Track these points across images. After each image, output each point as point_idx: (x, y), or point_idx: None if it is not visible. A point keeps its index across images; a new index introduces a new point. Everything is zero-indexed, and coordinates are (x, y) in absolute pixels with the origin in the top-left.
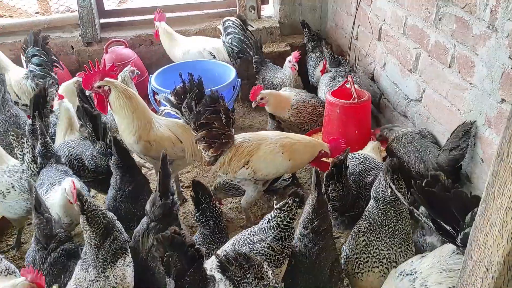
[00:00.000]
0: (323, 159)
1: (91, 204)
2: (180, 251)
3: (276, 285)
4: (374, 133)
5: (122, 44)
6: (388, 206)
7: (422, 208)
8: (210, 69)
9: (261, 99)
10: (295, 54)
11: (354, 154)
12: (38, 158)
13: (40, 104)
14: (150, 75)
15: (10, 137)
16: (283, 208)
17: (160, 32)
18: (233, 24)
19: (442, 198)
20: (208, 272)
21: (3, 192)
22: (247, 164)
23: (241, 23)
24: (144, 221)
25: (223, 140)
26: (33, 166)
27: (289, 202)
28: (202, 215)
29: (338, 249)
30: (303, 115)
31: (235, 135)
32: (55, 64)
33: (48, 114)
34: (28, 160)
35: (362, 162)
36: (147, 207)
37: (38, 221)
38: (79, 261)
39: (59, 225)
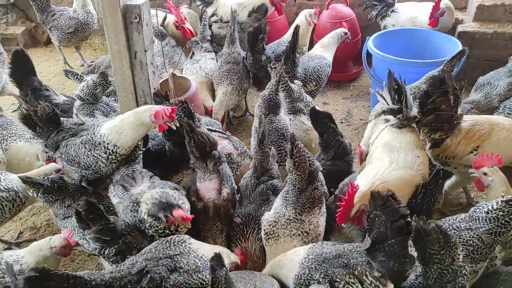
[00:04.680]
0: None
1: (301, 150)
2: (389, 216)
3: (464, 272)
4: None
5: (343, 2)
6: None
7: None
8: (429, 39)
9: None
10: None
11: None
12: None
13: (255, 41)
14: (368, 37)
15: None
16: (510, 203)
17: None
18: None
19: None
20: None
21: None
22: (475, 150)
23: None
24: (355, 176)
25: (455, 122)
26: None
27: None
28: (423, 199)
29: None
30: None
31: (463, 116)
32: None
33: (261, 51)
34: None
35: None
36: None
37: (260, 153)
38: (280, 196)
39: (274, 161)
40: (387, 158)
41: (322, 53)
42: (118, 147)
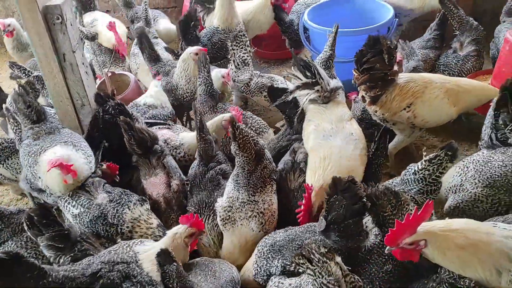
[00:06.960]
0: None
1: (243, 131)
2: (350, 201)
3: None
4: None
5: None
6: None
7: None
8: (363, 6)
9: None
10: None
11: None
12: None
13: (187, 29)
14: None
15: None
16: (433, 161)
17: None
18: None
19: None
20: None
21: None
22: (408, 107)
23: None
24: (288, 160)
25: (389, 78)
26: None
27: (441, 155)
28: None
29: None
30: None
31: (399, 74)
32: None
33: (195, 40)
34: None
35: None
36: (296, 145)
37: (203, 141)
38: (230, 180)
39: (218, 148)
40: (325, 150)
41: None
42: None
